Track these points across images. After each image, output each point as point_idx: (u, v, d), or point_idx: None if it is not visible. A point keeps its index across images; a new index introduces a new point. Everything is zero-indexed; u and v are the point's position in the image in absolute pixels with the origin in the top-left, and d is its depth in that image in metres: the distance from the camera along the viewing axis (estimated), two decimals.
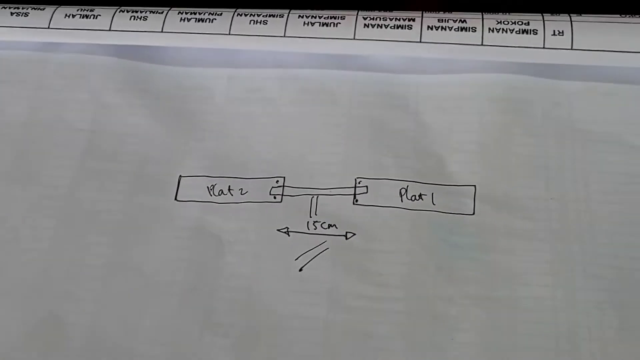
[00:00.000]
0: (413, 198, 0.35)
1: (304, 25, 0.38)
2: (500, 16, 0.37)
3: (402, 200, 0.35)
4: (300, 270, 0.33)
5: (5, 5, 0.41)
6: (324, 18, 0.38)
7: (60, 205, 0.36)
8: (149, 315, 0.33)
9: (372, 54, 0.38)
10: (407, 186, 0.35)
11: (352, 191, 0.35)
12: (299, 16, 0.38)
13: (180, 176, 0.36)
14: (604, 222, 0.33)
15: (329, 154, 0.37)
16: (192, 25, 0.39)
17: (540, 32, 0.36)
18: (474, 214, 0.34)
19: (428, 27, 0.37)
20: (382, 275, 0.33)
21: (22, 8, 0.41)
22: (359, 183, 0.35)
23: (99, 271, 0.34)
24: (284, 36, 0.38)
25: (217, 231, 0.35)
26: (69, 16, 0.40)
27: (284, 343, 0.32)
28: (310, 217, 0.35)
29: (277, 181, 0.36)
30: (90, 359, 0.32)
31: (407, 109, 0.37)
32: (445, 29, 0.37)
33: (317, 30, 0.38)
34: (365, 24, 0.38)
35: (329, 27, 0.38)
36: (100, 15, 0.40)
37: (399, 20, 0.38)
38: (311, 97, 0.38)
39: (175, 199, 0.36)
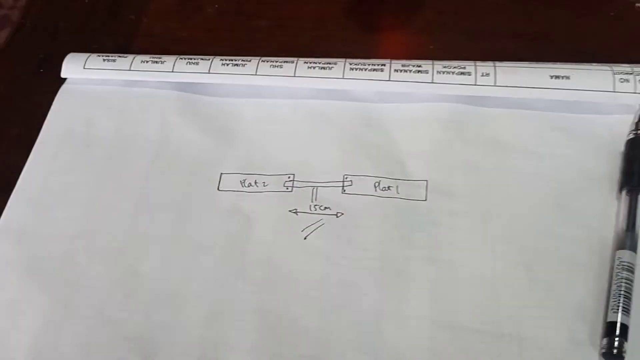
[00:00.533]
0: (384, 189, 0.35)
1: (308, 68, 0.39)
2: (445, 62, 0.38)
3: (376, 190, 0.35)
4: (305, 238, 0.34)
5: (100, 54, 0.41)
6: (322, 63, 0.39)
7: (137, 193, 0.36)
8: (199, 269, 0.33)
9: (356, 88, 0.38)
10: (380, 181, 0.35)
11: (341, 184, 0.35)
12: (305, 62, 0.39)
13: (221, 173, 0.36)
14: (516, 206, 0.33)
15: (325, 158, 0.37)
16: (230, 68, 0.39)
17: (473, 73, 0.37)
18: (426, 200, 0.34)
19: (395, 69, 0.38)
20: (362, 242, 0.33)
21: (111, 56, 0.41)
22: (346, 178, 0.36)
23: (164, 239, 0.34)
24: (294, 76, 0.39)
25: (247, 211, 0.35)
26: (144, 62, 0.40)
27: (293, 289, 0.32)
28: (312, 202, 0.35)
29: (289, 177, 0.36)
30: (157, 299, 0.32)
31: (380, 127, 0.37)
32: (406, 71, 0.38)
33: (317, 71, 0.38)
34: (351, 67, 0.38)
35: (325, 70, 0.38)
36: (165, 61, 0.40)
37: (374, 65, 0.38)
38: (313, 119, 0.38)
39: (218, 189, 0.36)
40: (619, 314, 0.29)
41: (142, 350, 0.30)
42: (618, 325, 0.28)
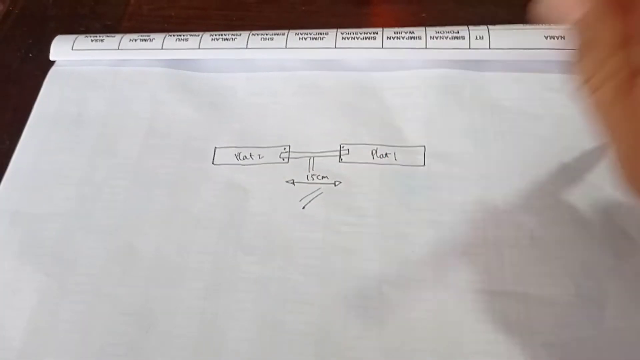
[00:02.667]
0: (381, 156, 0.34)
1: (299, 39, 0.38)
2: (438, 28, 0.37)
3: (373, 158, 0.34)
4: (303, 208, 0.33)
5: (88, 35, 0.41)
6: (314, 34, 0.38)
7: (131, 170, 0.35)
8: (196, 242, 0.32)
9: (348, 58, 0.38)
10: (377, 148, 0.35)
11: (338, 153, 0.35)
12: (296, 33, 0.38)
13: (215, 147, 0.36)
14: (515, 167, 0.33)
15: (321, 128, 0.36)
16: (220, 43, 0.39)
17: (467, 37, 0.36)
18: (424, 165, 0.34)
19: (387, 37, 0.37)
20: (361, 209, 0.33)
21: (99, 36, 0.40)
22: (343, 147, 0.35)
23: (160, 213, 0.34)
24: (286, 48, 0.38)
25: (243, 184, 0.34)
26: (132, 40, 0.40)
27: (293, 258, 0.31)
28: (309, 171, 0.34)
29: (285, 148, 0.35)
30: (155, 274, 0.32)
31: (374, 96, 0.37)
32: (399, 38, 0.37)
33: (309, 42, 0.38)
34: (342, 37, 0.38)
35: (317, 40, 0.38)
36: (154, 38, 0.39)
37: (366, 33, 0.38)
38: (306, 90, 0.38)
39: (213, 163, 0.35)
40: None
41: (141, 323, 0.30)
42: None
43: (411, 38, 0.37)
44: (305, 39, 0.38)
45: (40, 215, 0.34)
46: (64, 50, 0.40)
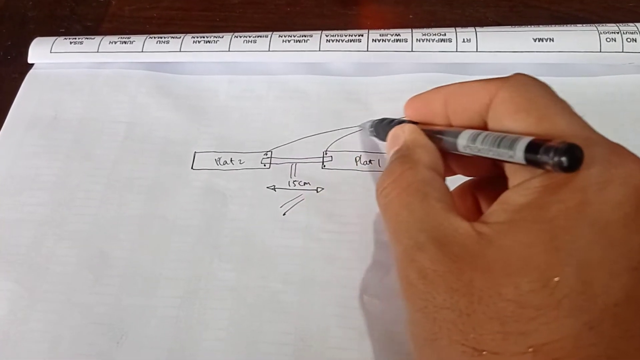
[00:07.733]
0: (365, 163, 0.34)
1: (283, 42, 0.38)
2: (425, 30, 0.37)
3: (357, 165, 0.34)
4: (284, 214, 0.33)
5: (66, 37, 0.40)
6: (297, 36, 0.38)
7: (107, 175, 0.35)
8: (172, 249, 0.32)
9: (333, 61, 0.38)
10: (360, 155, 0.34)
11: (321, 159, 0.35)
12: (279, 36, 0.38)
13: (195, 152, 0.36)
14: None
15: (304, 134, 0.36)
16: (202, 46, 0.38)
17: (454, 40, 0.36)
18: None
19: (373, 39, 0.37)
20: (343, 216, 0.32)
21: (78, 38, 0.40)
22: (326, 154, 0.35)
23: (135, 220, 0.33)
24: (269, 50, 0.38)
25: (222, 189, 0.34)
26: (112, 42, 0.39)
27: (272, 265, 0.31)
28: (291, 177, 0.34)
29: (266, 154, 0.35)
30: (128, 282, 0.31)
31: (359, 101, 0.37)
32: (385, 41, 0.37)
33: (292, 45, 0.38)
34: (327, 39, 0.37)
35: (300, 43, 0.37)
36: (134, 41, 0.39)
37: (351, 35, 0.37)
38: (290, 95, 0.37)
39: (192, 168, 0.35)
40: None
41: (112, 334, 0.29)
42: None
43: (397, 40, 0.37)
44: (288, 41, 0.38)
45: (13, 222, 0.34)
46: (43, 52, 0.40)
